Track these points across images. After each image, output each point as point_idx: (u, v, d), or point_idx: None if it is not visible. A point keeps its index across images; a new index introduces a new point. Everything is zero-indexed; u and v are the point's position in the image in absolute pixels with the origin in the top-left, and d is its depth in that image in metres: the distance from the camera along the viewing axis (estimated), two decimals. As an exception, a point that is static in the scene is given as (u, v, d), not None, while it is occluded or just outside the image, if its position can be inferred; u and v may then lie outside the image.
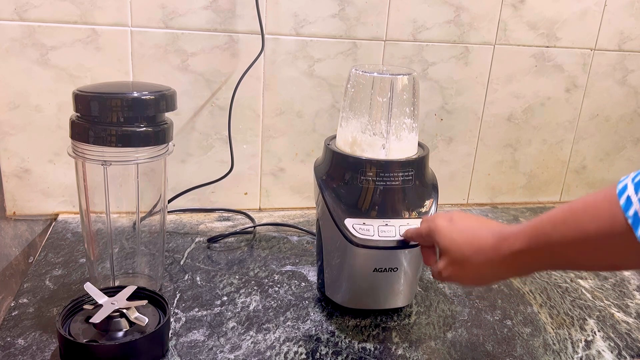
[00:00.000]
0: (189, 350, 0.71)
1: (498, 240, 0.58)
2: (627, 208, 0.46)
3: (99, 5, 0.95)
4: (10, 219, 1.05)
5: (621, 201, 0.47)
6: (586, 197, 0.51)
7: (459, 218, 0.65)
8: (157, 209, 0.82)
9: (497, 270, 0.60)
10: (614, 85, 1.23)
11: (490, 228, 0.61)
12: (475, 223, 0.64)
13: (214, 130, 1.07)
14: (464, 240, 0.62)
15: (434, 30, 1.10)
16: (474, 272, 0.62)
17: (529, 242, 0.55)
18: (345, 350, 0.73)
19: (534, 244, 0.55)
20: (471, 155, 1.22)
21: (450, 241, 0.63)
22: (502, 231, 0.59)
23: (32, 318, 0.75)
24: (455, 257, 0.62)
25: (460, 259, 0.62)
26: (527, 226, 0.56)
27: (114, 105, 0.69)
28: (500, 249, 0.58)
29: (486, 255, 0.59)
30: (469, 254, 0.61)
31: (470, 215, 0.67)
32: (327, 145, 0.80)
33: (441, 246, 0.64)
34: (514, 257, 0.57)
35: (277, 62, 1.05)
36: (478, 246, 0.60)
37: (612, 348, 0.77)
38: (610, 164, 1.31)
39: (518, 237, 0.56)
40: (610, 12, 1.17)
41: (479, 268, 0.61)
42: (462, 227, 0.63)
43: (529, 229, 0.56)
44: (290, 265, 0.94)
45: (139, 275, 0.85)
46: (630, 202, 0.46)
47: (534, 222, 0.56)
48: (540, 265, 0.58)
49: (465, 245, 0.61)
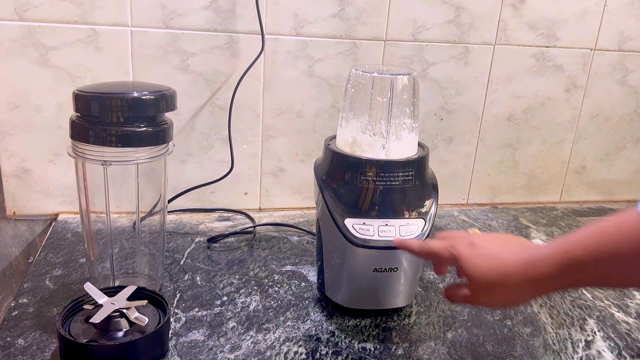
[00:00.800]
0: (189, 350, 0.71)
1: (525, 265, 0.58)
2: None
3: (99, 5, 0.95)
4: (10, 219, 1.05)
5: None
6: (616, 217, 0.51)
7: (480, 242, 0.64)
8: (157, 209, 0.82)
9: (524, 294, 0.60)
10: (614, 85, 1.23)
11: (514, 251, 0.61)
12: (498, 247, 0.63)
13: (214, 130, 1.07)
14: (489, 267, 0.61)
15: (434, 30, 1.10)
16: (501, 297, 0.61)
17: (560, 267, 0.55)
18: (345, 350, 0.73)
19: (565, 269, 0.54)
20: (471, 155, 1.22)
21: (475, 268, 0.62)
22: (529, 257, 0.58)
23: (32, 318, 0.75)
24: (482, 284, 0.61)
25: (487, 285, 0.61)
26: (555, 250, 0.56)
27: (114, 105, 0.69)
28: (528, 274, 0.57)
29: (514, 280, 0.59)
30: (496, 280, 0.60)
31: (490, 237, 0.65)
32: (327, 145, 0.80)
33: (466, 273, 0.63)
34: (543, 281, 0.57)
35: (277, 62, 1.05)
36: (504, 272, 0.59)
37: (612, 348, 0.77)
38: (610, 164, 1.31)
39: (547, 262, 0.56)
40: (610, 12, 1.17)
41: (506, 292, 0.60)
42: (486, 253, 0.62)
43: (559, 252, 0.55)
44: (290, 265, 0.94)
45: (139, 275, 0.85)
46: None
47: (562, 245, 0.55)
48: (568, 285, 0.58)
49: (491, 272, 0.60)
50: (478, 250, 0.63)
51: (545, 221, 1.20)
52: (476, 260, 0.62)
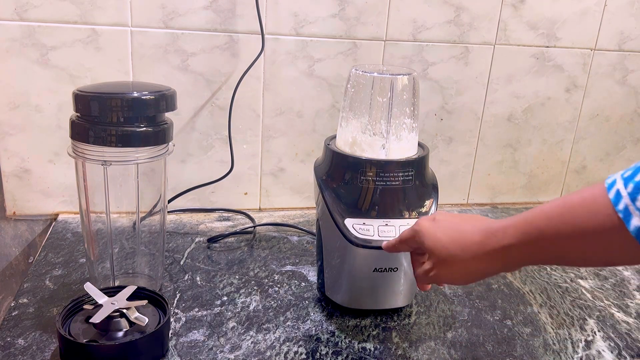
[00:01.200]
0: (189, 350, 0.71)
1: (485, 235, 0.58)
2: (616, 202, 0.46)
3: (99, 5, 0.95)
4: (10, 219, 1.05)
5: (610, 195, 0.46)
6: (582, 191, 0.51)
7: (443, 217, 0.64)
8: (157, 209, 0.82)
9: (484, 267, 0.59)
10: (614, 85, 1.23)
11: (475, 224, 0.60)
12: (459, 220, 0.63)
13: (214, 130, 1.07)
14: (449, 239, 0.61)
15: (434, 30, 1.10)
16: (461, 270, 0.61)
17: (520, 236, 0.54)
18: (345, 350, 0.73)
19: (525, 238, 0.54)
20: (471, 155, 1.22)
21: (434, 240, 0.62)
22: (490, 227, 0.58)
23: (32, 318, 0.75)
24: (441, 256, 0.61)
25: (446, 257, 0.61)
26: (517, 220, 0.55)
27: (114, 105, 0.69)
28: (487, 244, 0.57)
29: (473, 251, 0.58)
30: (455, 252, 0.60)
31: (454, 214, 0.66)
32: (327, 145, 0.80)
33: (426, 247, 0.63)
34: (503, 252, 0.56)
35: (277, 62, 1.05)
36: (464, 243, 0.59)
37: (612, 348, 0.77)
38: (610, 164, 1.31)
39: (507, 231, 0.55)
40: (610, 12, 1.17)
41: (466, 265, 0.60)
42: (446, 226, 0.62)
43: (521, 223, 0.55)
44: (290, 265, 0.94)
45: (139, 275, 0.85)
46: (620, 195, 0.46)
47: (525, 216, 0.55)
48: (529, 259, 0.56)
49: (450, 243, 0.60)
50: (439, 224, 0.63)
51: (545, 221, 1.20)
52: (436, 232, 0.62)
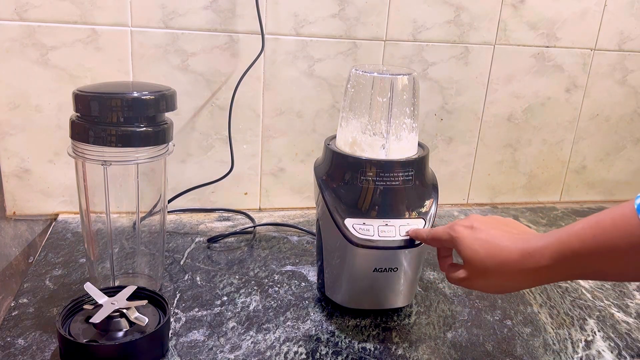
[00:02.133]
0: (189, 350, 0.71)
1: (523, 255, 0.58)
2: None
3: (99, 5, 0.95)
4: (10, 219, 1.05)
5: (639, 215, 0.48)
6: (612, 211, 0.52)
7: (480, 225, 0.64)
8: (157, 209, 0.82)
9: (519, 282, 0.60)
10: (614, 85, 1.23)
11: (512, 240, 0.60)
12: (497, 232, 0.62)
13: (214, 130, 1.07)
14: (486, 253, 0.61)
15: (434, 30, 1.10)
16: (496, 283, 0.62)
17: (556, 258, 0.55)
18: (345, 350, 0.73)
19: (560, 260, 0.55)
20: (471, 155, 1.22)
21: (472, 252, 0.62)
22: (527, 246, 0.58)
23: (32, 318, 0.75)
24: (478, 269, 0.62)
25: (482, 271, 0.61)
26: (552, 241, 0.56)
27: (114, 105, 0.69)
28: (524, 264, 0.58)
29: (510, 269, 0.59)
30: (492, 267, 0.60)
31: (491, 221, 0.65)
32: (327, 145, 0.80)
33: (463, 256, 0.63)
34: (540, 272, 0.57)
35: (277, 62, 1.05)
36: (501, 260, 0.60)
37: (612, 348, 0.77)
38: (610, 164, 1.31)
39: (544, 254, 0.56)
40: (610, 12, 1.17)
41: (501, 279, 0.60)
42: (484, 237, 0.62)
43: (555, 244, 0.55)
44: (290, 265, 0.94)
45: (139, 275, 0.85)
46: None
47: (559, 237, 0.56)
48: (563, 277, 0.58)
49: (487, 258, 0.61)
50: (477, 234, 0.63)
51: (545, 221, 1.20)
52: (474, 244, 0.62)
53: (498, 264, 0.60)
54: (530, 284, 0.61)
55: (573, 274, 0.57)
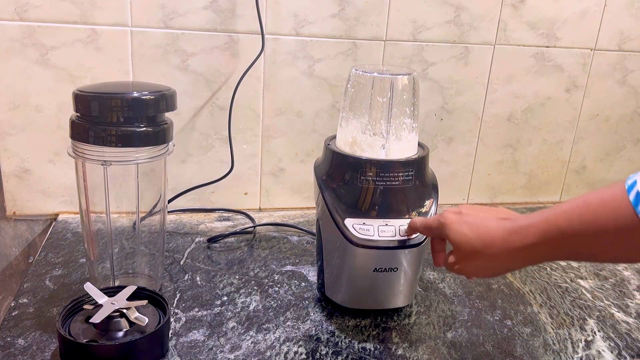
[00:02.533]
0: (189, 350, 0.71)
1: (509, 233, 0.59)
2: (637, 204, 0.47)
3: (99, 5, 0.95)
4: (10, 219, 1.05)
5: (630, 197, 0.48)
6: (602, 191, 0.52)
7: (468, 211, 0.65)
8: (157, 209, 0.82)
9: (507, 262, 0.60)
10: (614, 85, 1.23)
11: (500, 220, 0.61)
12: (485, 215, 0.64)
13: (214, 130, 1.07)
14: (474, 234, 0.62)
15: (434, 30, 1.10)
16: (485, 265, 0.62)
17: (542, 235, 0.55)
18: (345, 350, 0.73)
19: (547, 237, 0.55)
20: (471, 155, 1.22)
21: (460, 235, 0.63)
22: (514, 225, 0.59)
23: (32, 318, 0.75)
24: (466, 250, 0.63)
25: (470, 252, 0.62)
26: (539, 219, 0.56)
27: (114, 105, 0.69)
28: (511, 242, 0.58)
29: (497, 248, 0.60)
30: (480, 248, 0.61)
31: (479, 207, 0.67)
32: (327, 145, 0.80)
33: (451, 240, 0.64)
34: (526, 250, 0.57)
35: (277, 62, 1.05)
36: (488, 239, 0.60)
37: (612, 348, 0.77)
38: (610, 164, 1.31)
39: (530, 231, 0.56)
40: (610, 12, 1.17)
41: (490, 260, 0.61)
42: (472, 220, 0.63)
43: (542, 222, 0.56)
44: (290, 265, 0.94)
45: (139, 275, 0.85)
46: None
47: (546, 215, 0.56)
48: (551, 256, 0.58)
49: (475, 239, 0.61)
50: (464, 217, 0.64)
51: (545, 221, 1.20)
52: (462, 227, 0.63)
53: (485, 244, 0.60)
54: (518, 264, 0.61)
55: (561, 254, 0.57)
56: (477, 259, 0.62)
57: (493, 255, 0.60)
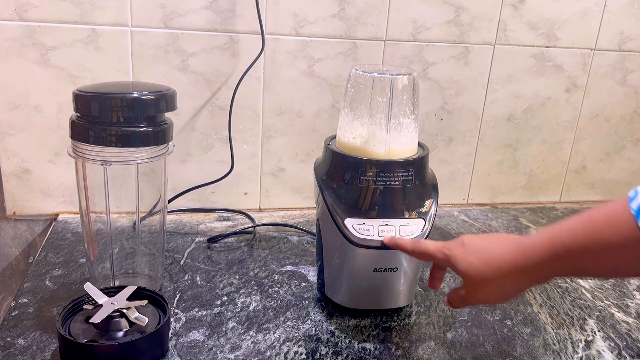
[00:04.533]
0: (189, 350, 0.71)
1: (514, 255, 0.59)
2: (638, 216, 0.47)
3: (99, 5, 0.95)
4: (10, 219, 1.05)
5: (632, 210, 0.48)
6: (605, 206, 0.52)
7: (471, 241, 0.65)
8: (157, 209, 0.82)
9: (517, 284, 0.60)
10: (614, 85, 1.23)
11: (504, 244, 0.61)
12: (487, 242, 0.64)
13: (214, 130, 1.07)
14: (481, 262, 0.61)
15: (434, 30, 1.10)
16: (496, 290, 0.62)
17: (549, 254, 0.55)
18: (345, 350, 0.73)
19: (552, 255, 0.55)
20: (471, 155, 1.22)
21: (468, 264, 0.63)
22: (518, 245, 0.59)
23: (32, 318, 0.75)
24: (476, 279, 0.62)
25: (481, 280, 0.62)
26: (544, 238, 0.56)
27: (114, 105, 0.69)
28: (518, 263, 0.58)
29: (505, 271, 0.59)
30: (489, 275, 0.61)
31: (480, 236, 0.66)
32: (327, 145, 0.80)
33: (460, 271, 0.64)
34: (533, 269, 0.57)
35: (277, 62, 1.05)
36: (496, 265, 0.60)
37: (612, 348, 0.77)
38: (610, 164, 1.31)
39: (536, 250, 0.56)
40: (610, 12, 1.17)
41: (500, 285, 0.61)
42: (476, 249, 0.63)
43: (547, 240, 0.56)
44: (290, 265, 0.94)
45: (139, 275, 0.85)
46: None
47: (551, 233, 0.56)
48: (558, 273, 0.58)
49: (483, 266, 0.61)
50: (469, 248, 0.64)
51: (545, 221, 1.20)
52: (468, 257, 0.63)
53: (494, 269, 0.60)
54: (528, 284, 0.61)
55: (568, 271, 0.58)
56: (488, 285, 0.62)
57: (502, 278, 0.60)
